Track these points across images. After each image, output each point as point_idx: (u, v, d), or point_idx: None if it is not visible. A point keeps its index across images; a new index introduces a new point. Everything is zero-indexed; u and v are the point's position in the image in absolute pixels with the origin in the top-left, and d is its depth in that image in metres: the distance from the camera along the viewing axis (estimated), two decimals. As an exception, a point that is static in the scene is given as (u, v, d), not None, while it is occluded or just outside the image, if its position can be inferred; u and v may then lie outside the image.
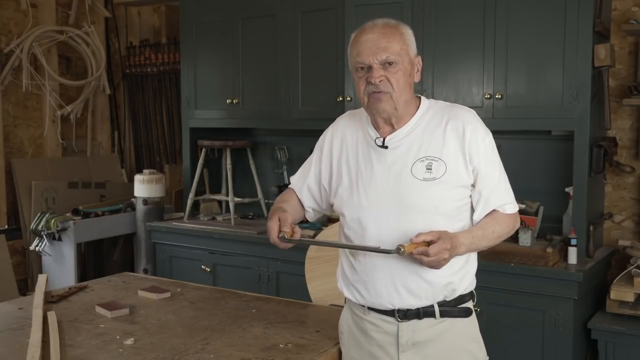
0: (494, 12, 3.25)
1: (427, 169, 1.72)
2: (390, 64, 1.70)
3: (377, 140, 1.78)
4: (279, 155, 4.34)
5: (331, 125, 1.98)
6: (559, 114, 3.15)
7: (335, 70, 3.78)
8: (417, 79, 1.78)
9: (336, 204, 1.88)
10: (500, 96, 3.26)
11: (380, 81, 1.70)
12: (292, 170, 4.43)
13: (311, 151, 2.03)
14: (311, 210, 2.00)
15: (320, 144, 1.97)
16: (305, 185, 1.97)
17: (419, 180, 1.72)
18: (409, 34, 1.77)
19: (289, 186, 2.06)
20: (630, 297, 3.03)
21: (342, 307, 1.98)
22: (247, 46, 4.14)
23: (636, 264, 3.08)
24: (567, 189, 3.35)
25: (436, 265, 1.63)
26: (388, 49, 1.70)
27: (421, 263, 1.63)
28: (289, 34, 3.94)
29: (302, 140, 4.25)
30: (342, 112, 3.72)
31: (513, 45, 3.22)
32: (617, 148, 3.43)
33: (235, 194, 4.26)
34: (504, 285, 3.10)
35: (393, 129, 1.77)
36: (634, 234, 3.53)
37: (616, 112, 3.49)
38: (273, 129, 4.35)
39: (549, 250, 3.08)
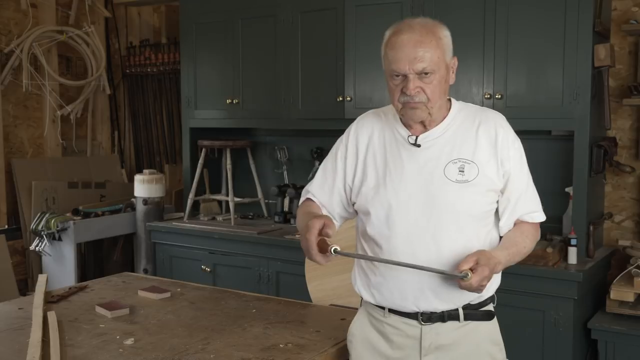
0: (494, 12, 3.25)
1: (459, 171, 1.70)
2: (426, 73, 1.64)
3: (409, 138, 1.74)
4: (279, 155, 4.34)
5: (354, 123, 1.90)
6: (559, 114, 3.15)
7: (335, 70, 3.77)
8: (452, 81, 1.74)
9: (359, 203, 1.81)
10: (500, 96, 3.26)
11: (416, 92, 1.65)
12: (292, 170, 4.46)
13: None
14: (339, 218, 1.88)
15: (345, 141, 1.87)
16: (336, 188, 1.85)
17: (452, 182, 1.69)
18: (446, 36, 1.70)
19: (308, 197, 1.90)
20: (630, 297, 3.03)
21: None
22: (247, 46, 4.14)
23: (636, 264, 3.08)
24: (567, 189, 3.35)
25: (478, 291, 1.64)
26: (425, 58, 1.63)
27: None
28: (289, 34, 3.94)
29: (302, 140, 4.25)
30: (342, 112, 3.74)
31: (513, 45, 3.23)
32: (617, 148, 3.43)
33: (235, 194, 4.26)
34: (504, 285, 3.08)
35: (425, 129, 1.74)
36: (634, 234, 3.53)
37: (616, 112, 3.49)
38: (273, 129, 4.35)
39: (549, 250, 3.08)
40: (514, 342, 3.10)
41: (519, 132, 3.55)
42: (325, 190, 1.87)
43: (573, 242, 3.10)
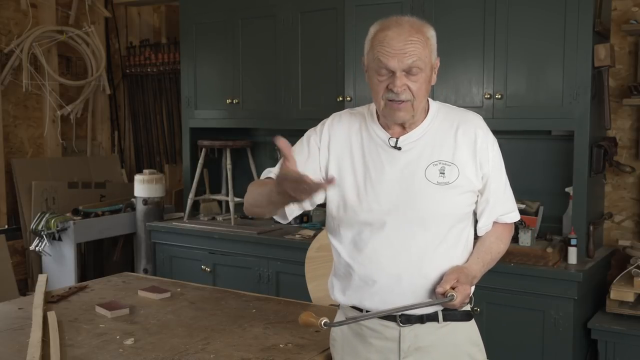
0: (494, 12, 3.25)
1: (440, 173, 1.69)
2: (413, 71, 1.63)
3: (390, 141, 1.71)
4: (279, 156, 4.31)
5: (330, 118, 1.84)
6: (559, 114, 3.15)
7: (335, 70, 3.78)
8: (433, 81, 1.73)
9: (333, 201, 1.77)
10: (500, 96, 3.26)
11: (402, 90, 1.63)
12: (292, 170, 4.43)
13: None
14: (297, 205, 1.73)
15: (319, 132, 1.81)
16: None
17: (433, 184, 1.68)
18: (432, 36, 1.70)
19: (269, 177, 1.82)
20: (630, 297, 3.03)
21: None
22: (247, 46, 4.14)
23: (636, 264, 3.08)
24: (567, 189, 3.35)
25: (460, 308, 1.70)
26: (414, 55, 1.61)
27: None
28: (289, 34, 3.94)
29: (302, 140, 4.25)
30: (342, 112, 3.73)
31: (513, 45, 3.23)
32: (617, 148, 3.43)
33: (235, 194, 4.26)
34: (504, 285, 3.10)
35: (404, 131, 1.72)
36: (634, 234, 3.53)
37: (616, 112, 3.49)
38: (273, 129, 4.34)
39: (549, 250, 3.08)
40: (514, 342, 3.12)
41: (519, 132, 3.58)
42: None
43: (573, 242, 3.10)
